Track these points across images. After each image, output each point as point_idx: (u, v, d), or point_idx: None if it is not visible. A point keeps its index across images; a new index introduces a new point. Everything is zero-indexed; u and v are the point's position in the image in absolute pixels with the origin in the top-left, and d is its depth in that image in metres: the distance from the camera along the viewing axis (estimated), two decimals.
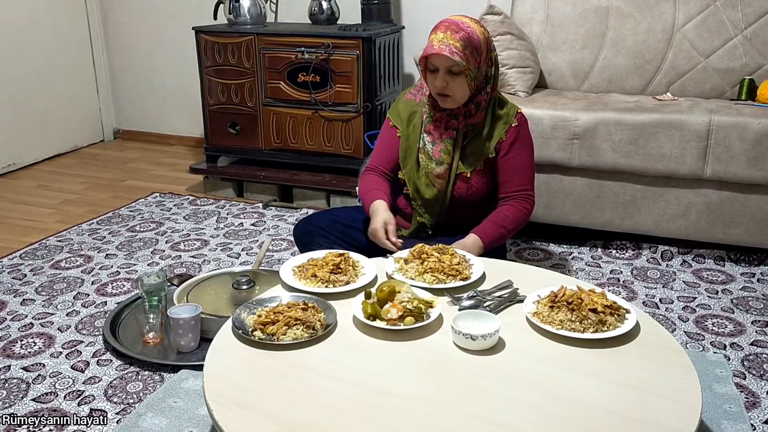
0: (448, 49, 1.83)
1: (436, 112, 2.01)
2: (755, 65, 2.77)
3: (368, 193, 2.00)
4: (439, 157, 2.00)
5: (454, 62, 1.85)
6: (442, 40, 1.85)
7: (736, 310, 2.23)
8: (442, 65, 1.88)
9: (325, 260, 1.69)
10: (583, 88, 2.99)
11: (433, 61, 1.89)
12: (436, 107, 2.01)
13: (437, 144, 2.01)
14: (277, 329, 1.39)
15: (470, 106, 1.96)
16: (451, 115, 1.99)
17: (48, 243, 2.78)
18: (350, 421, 1.17)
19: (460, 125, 1.99)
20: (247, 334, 1.39)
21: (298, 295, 1.55)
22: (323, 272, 1.63)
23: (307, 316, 1.42)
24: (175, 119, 4.32)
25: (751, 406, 1.74)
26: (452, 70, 1.87)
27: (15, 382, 1.84)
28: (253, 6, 3.37)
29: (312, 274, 1.64)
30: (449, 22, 1.90)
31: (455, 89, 1.90)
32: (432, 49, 1.85)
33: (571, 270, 2.52)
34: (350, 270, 1.66)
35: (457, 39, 1.86)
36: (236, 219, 3.06)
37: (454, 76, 1.88)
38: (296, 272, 1.68)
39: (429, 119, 2.03)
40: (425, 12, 3.52)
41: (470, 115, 1.98)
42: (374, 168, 2.09)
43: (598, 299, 1.47)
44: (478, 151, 2.00)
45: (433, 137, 2.02)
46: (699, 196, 2.49)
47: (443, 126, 2.00)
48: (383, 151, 2.10)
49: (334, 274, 1.63)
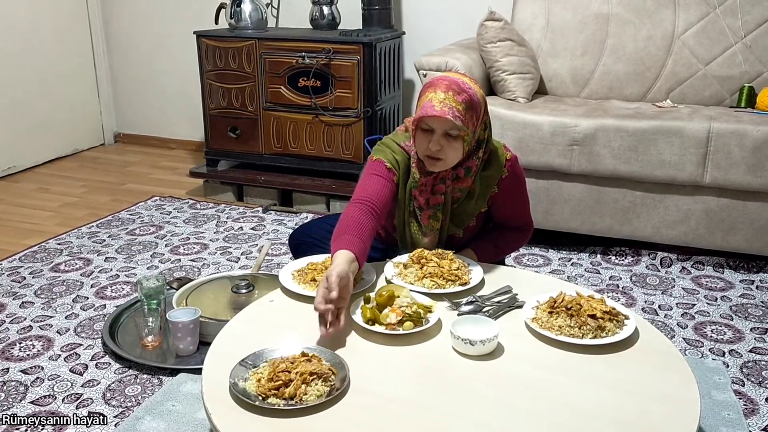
0: (452, 112, 1.66)
1: (422, 176, 1.79)
2: (755, 73, 2.78)
3: (343, 234, 1.64)
4: (428, 224, 1.85)
5: (454, 126, 1.68)
6: (444, 101, 1.67)
7: (735, 317, 2.23)
8: (440, 128, 1.69)
9: (324, 264, 1.67)
10: (583, 94, 3.00)
11: (431, 123, 1.70)
12: (422, 170, 1.80)
13: (424, 210, 1.83)
14: (296, 389, 1.21)
15: (459, 170, 1.78)
16: (438, 179, 1.80)
17: (47, 246, 2.78)
18: (348, 425, 1.17)
19: (448, 189, 1.81)
20: (251, 400, 1.20)
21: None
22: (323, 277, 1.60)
23: (321, 368, 1.26)
24: (176, 123, 4.32)
25: (749, 413, 1.74)
26: (450, 134, 1.70)
27: (13, 385, 1.84)
28: (255, 11, 3.38)
29: (311, 279, 1.62)
30: (450, 81, 1.72)
31: (449, 153, 1.72)
32: (433, 111, 1.66)
33: (571, 276, 2.52)
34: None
35: (460, 101, 1.68)
36: (236, 223, 3.06)
37: (451, 139, 1.70)
38: (296, 276, 1.66)
39: (414, 183, 1.81)
40: (426, 18, 3.54)
41: (458, 179, 1.81)
42: (364, 201, 1.74)
43: (597, 305, 1.47)
44: (468, 212, 1.87)
45: (419, 203, 1.82)
46: (698, 203, 2.50)
47: (429, 191, 1.81)
48: (378, 189, 1.78)
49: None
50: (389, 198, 1.80)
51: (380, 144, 1.88)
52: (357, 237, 1.62)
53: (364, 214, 1.70)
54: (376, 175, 1.80)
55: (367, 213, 1.71)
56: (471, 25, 3.01)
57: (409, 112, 3.66)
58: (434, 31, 3.50)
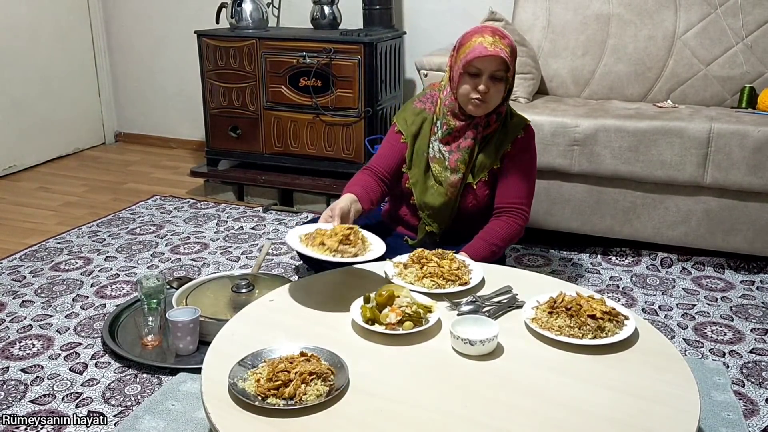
0: (503, 52, 1.81)
1: (457, 122, 1.96)
2: (756, 73, 2.77)
3: (348, 187, 1.95)
4: (455, 166, 1.98)
5: (504, 66, 1.82)
6: (494, 43, 1.81)
7: (736, 318, 2.23)
8: (488, 69, 1.83)
9: (334, 230, 1.64)
10: (583, 94, 2.99)
11: (480, 63, 1.83)
12: (457, 117, 1.96)
13: (454, 153, 1.97)
14: (295, 389, 1.21)
15: (491, 116, 1.94)
16: (471, 125, 1.95)
17: (48, 245, 2.78)
18: (348, 425, 1.17)
19: (479, 135, 1.96)
20: (251, 400, 1.20)
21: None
22: (332, 241, 1.58)
23: (320, 367, 1.26)
24: (177, 122, 4.32)
25: (749, 413, 1.74)
26: (496, 75, 1.84)
27: (13, 384, 1.84)
28: (255, 10, 3.38)
29: (320, 243, 1.59)
30: (492, 27, 1.88)
31: (493, 95, 1.87)
32: (486, 51, 1.80)
33: (571, 276, 2.52)
34: (359, 243, 1.61)
35: (506, 45, 1.84)
36: (236, 222, 3.06)
37: (496, 82, 1.85)
38: (303, 239, 1.63)
39: (448, 130, 1.97)
40: (427, 18, 3.53)
41: (489, 125, 1.96)
42: (370, 168, 2.04)
43: (597, 305, 1.47)
44: (486, 162, 1.99)
45: (451, 147, 1.97)
46: (699, 203, 2.49)
47: (462, 135, 1.96)
48: (384, 155, 2.05)
49: (342, 245, 1.58)
50: (395, 160, 2.03)
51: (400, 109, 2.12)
52: (358, 186, 1.93)
53: (366, 176, 2.00)
54: (386, 141, 2.08)
55: (370, 175, 2.01)
56: (472, 25, 2.99)
57: None
58: (435, 31, 3.50)
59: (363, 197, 1.91)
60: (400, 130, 2.04)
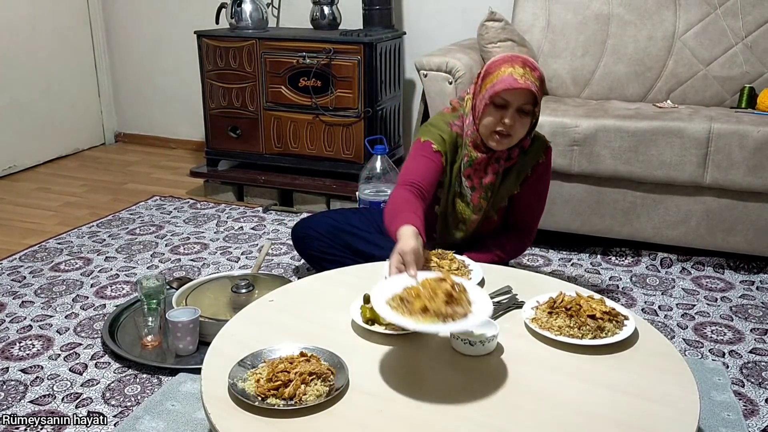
0: (533, 85, 1.69)
1: (478, 154, 1.82)
2: (755, 73, 2.78)
3: (400, 214, 1.62)
4: (478, 203, 1.88)
5: (532, 99, 1.71)
6: (524, 75, 1.69)
7: (735, 318, 2.23)
8: (516, 102, 1.71)
9: (430, 288, 1.31)
10: (583, 95, 2.99)
11: (509, 96, 1.71)
12: (478, 149, 1.82)
13: (476, 190, 1.86)
14: (295, 389, 1.20)
15: (514, 150, 1.83)
16: (493, 158, 1.83)
17: (48, 245, 2.78)
18: (348, 425, 1.17)
19: (500, 169, 1.85)
20: (251, 400, 1.19)
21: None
22: (438, 304, 1.27)
23: (320, 368, 1.25)
24: (176, 123, 4.32)
25: (749, 413, 1.74)
26: (523, 109, 1.73)
27: (13, 384, 1.84)
28: (255, 11, 3.38)
29: (422, 308, 1.27)
30: (523, 58, 1.74)
31: (518, 129, 1.75)
32: (516, 83, 1.68)
33: (570, 276, 2.52)
34: (463, 297, 1.31)
35: (536, 77, 1.72)
36: (236, 223, 3.06)
37: (522, 116, 1.74)
38: (395, 306, 1.30)
39: (470, 162, 1.84)
40: (427, 18, 3.54)
41: (510, 159, 1.85)
42: (412, 183, 1.75)
43: (597, 306, 1.47)
44: (506, 192, 1.92)
45: (473, 182, 1.86)
46: (698, 203, 2.49)
47: (483, 170, 1.85)
48: (425, 170, 1.79)
49: (448, 305, 1.27)
50: (435, 180, 1.82)
51: (427, 124, 1.89)
52: (413, 213, 1.62)
53: (413, 196, 1.72)
54: (424, 156, 1.81)
55: (416, 195, 1.73)
56: (472, 26, 3.01)
57: (410, 112, 3.66)
58: (435, 31, 3.50)
59: (422, 228, 1.59)
60: (440, 151, 1.84)
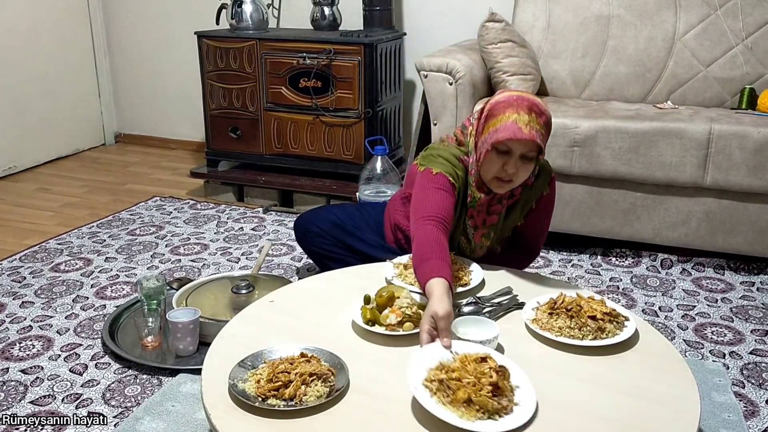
0: (539, 135, 1.61)
1: (482, 194, 1.76)
2: (756, 74, 2.78)
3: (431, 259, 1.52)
4: (480, 242, 1.85)
5: (536, 148, 1.63)
6: (529, 123, 1.60)
7: (736, 319, 2.23)
8: (520, 150, 1.63)
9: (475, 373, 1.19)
10: (583, 95, 2.99)
11: (515, 145, 1.62)
12: (481, 189, 1.76)
13: (479, 229, 1.82)
14: (295, 390, 1.20)
15: (517, 189, 1.77)
16: (495, 199, 1.78)
17: (48, 246, 2.78)
18: (348, 426, 1.17)
19: (503, 209, 1.80)
20: (251, 401, 1.20)
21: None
22: (483, 398, 1.15)
23: (320, 368, 1.25)
24: (177, 123, 4.32)
25: (749, 415, 1.74)
26: (528, 156, 1.65)
27: (13, 385, 1.84)
28: (256, 11, 3.38)
29: (467, 399, 1.14)
30: (530, 102, 1.64)
31: (521, 175, 1.68)
32: (522, 134, 1.58)
33: (571, 277, 2.52)
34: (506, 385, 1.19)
35: (542, 124, 1.63)
36: (236, 223, 3.06)
37: (526, 161, 1.65)
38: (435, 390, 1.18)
39: (473, 203, 1.78)
40: (427, 19, 3.54)
41: (513, 197, 1.80)
42: (441, 220, 1.65)
43: (598, 306, 1.47)
44: (510, 225, 1.88)
45: (475, 222, 1.81)
46: (699, 204, 2.49)
47: (485, 211, 1.80)
48: (449, 207, 1.70)
49: (494, 398, 1.15)
50: (453, 216, 1.72)
51: (438, 157, 1.77)
52: (445, 262, 1.51)
53: (442, 234, 1.61)
54: (444, 190, 1.71)
55: (444, 233, 1.63)
56: (472, 27, 3.01)
57: (410, 113, 3.66)
58: (435, 32, 3.50)
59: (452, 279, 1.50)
60: (455, 185, 1.74)
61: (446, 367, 1.22)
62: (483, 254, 1.89)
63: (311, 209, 2.28)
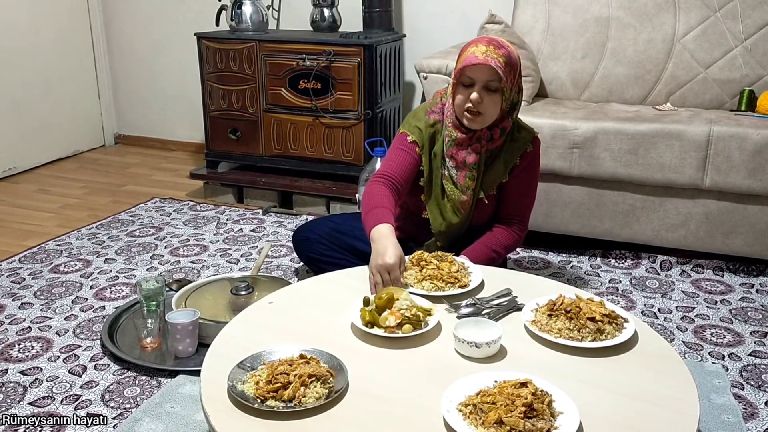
0: (494, 61, 1.75)
1: (459, 134, 1.88)
2: (755, 76, 2.78)
3: (374, 208, 1.75)
4: (465, 183, 1.92)
5: (496, 76, 1.76)
6: (486, 53, 1.76)
7: (735, 321, 2.23)
8: (481, 78, 1.78)
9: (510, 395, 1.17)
10: (583, 97, 3.00)
11: (472, 73, 1.78)
12: (458, 129, 1.88)
13: (461, 169, 1.91)
14: (294, 392, 1.20)
15: (495, 130, 1.87)
16: (474, 138, 1.88)
17: (47, 247, 2.78)
18: (348, 427, 1.17)
19: (483, 149, 1.90)
20: (250, 402, 1.20)
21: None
22: (514, 418, 1.12)
23: (319, 370, 1.25)
24: (176, 125, 4.32)
25: (749, 416, 1.74)
26: (490, 86, 1.78)
27: (12, 386, 1.84)
28: (255, 13, 3.38)
29: (497, 420, 1.12)
30: (489, 38, 1.82)
31: (488, 106, 1.80)
32: (475, 59, 1.75)
33: (570, 279, 2.52)
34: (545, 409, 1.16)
35: (500, 54, 1.77)
36: (236, 225, 3.06)
37: (491, 92, 1.79)
38: (468, 414, 1.16)
39: (451, 142, 1.90)
40: (426, 20, 3.54)
41: (492, 140, 1.90)
42: (386, 176, 1.87)
43: (597, 308, 1.47)
44: (494, 176, 1.95)
45: (456, 162, 1.91)
46: (698, 206, 2.49)
47: (465, 150, 1.90)
48: (399, 162, 1.89)
49: (527, 419, 1.13)
50: (411, 170, 1.90)
51: (408, 116, 1.98)
52: (388, 209, 1.74)
53: (386, 188, 1.83)
54: (399, 148, 1.91)
55: (389, 187, 1.84)
56: (471, 28, 3.01)
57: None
58: (435, 33, 3.50)
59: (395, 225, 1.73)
60: (415, 141, 1.91)
61: (483, 392, 1.20)
62: (470, 201, 1.94)
63: (308, 221, 2.31)
